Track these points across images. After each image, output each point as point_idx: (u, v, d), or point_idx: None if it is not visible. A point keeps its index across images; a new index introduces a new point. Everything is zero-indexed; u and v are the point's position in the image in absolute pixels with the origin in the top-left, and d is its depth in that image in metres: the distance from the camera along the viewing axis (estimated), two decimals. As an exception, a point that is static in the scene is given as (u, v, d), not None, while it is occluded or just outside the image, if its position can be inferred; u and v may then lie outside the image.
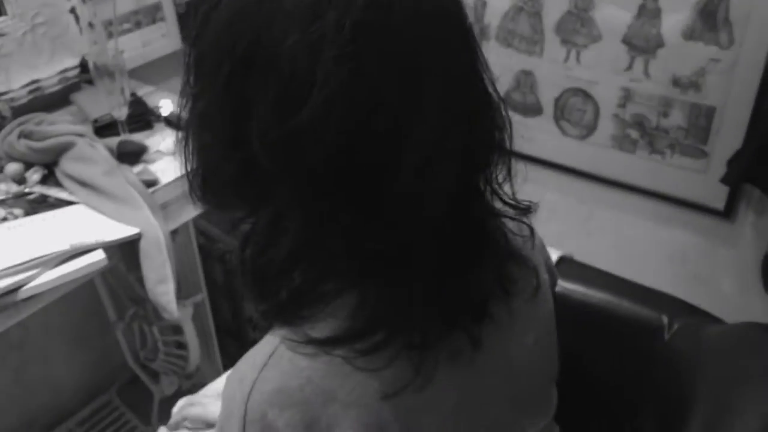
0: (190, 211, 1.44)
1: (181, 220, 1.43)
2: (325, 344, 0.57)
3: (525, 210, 0.70)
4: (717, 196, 1.48)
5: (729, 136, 1.40)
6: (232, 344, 2.00)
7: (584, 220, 1.74)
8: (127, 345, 1.84)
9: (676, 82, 1.42)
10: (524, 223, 0.71)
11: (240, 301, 1.95)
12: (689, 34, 1.37)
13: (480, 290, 0.62)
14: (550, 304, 0.78)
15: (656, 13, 1.39)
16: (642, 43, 1.43)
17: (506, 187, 0.68)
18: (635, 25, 1.42)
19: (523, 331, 0.71)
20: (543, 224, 1.88)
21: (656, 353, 0.97)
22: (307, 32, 0.49)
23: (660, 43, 1.41)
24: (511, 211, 0.69)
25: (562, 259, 1.19)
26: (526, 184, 1.88)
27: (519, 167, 0.67)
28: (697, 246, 1.59)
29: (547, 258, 0.84)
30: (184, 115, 0.58)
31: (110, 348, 1.92)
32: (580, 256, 1.55)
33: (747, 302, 1.54)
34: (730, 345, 0.88)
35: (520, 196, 0.70)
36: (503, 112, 0.62)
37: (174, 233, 1.54)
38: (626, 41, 1.45)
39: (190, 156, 0.60)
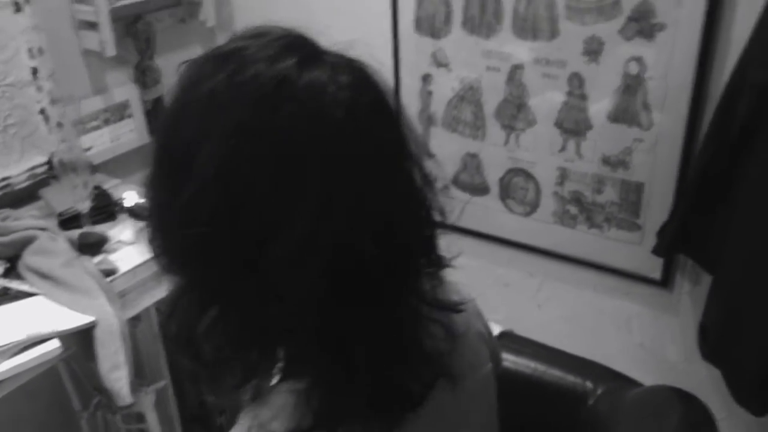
0: (152, 297, 1.50)
1: (141, 306, 1.48)
2: None
3: (448, 309, 0.70)
4: (653, 266, 1.56)
5: (658, 210, 1.49)
6: (198, 431, 2.01)
7: (534, 292, 1.81)
8: (92, 434, 1.86)
9: (606, 161, 1.53)
10: (441, 323, 0.69)
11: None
12: (614, 117, 1.48)
13: (407, 383, 0.64)
14: (488, 384, 0.80)
15: (583, 99, 1.50)
16: (572, 126, 1.54)
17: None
18: (564, 110, 1.54)
19: (463, 416, 0.73)
20: (495, 298, 1.96)
21: (582, 417, 1.03)
22: (199, 129, 0.57)
23: (588, 126, 1.52)
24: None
25: (502, 334, 1.25)
26: (478, 260, 1.95)
27: (470, 244, 0.68)
28: (640, 315, 1.65)
29: (486, 334, 0.84)
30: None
31: (76, 437, 1.93)
32: (532, 329, 1.61)
33: (692, 369, 1.60)
34: (643, 408, 0.93)
35: (470, 270, 0.72)
36: (430, 205, 0.64)
37: (136, 320, 1.59)
38: (558, 125, 1.56)
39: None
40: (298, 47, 0.59)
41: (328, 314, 0.58)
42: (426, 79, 1.72)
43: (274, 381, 0.65)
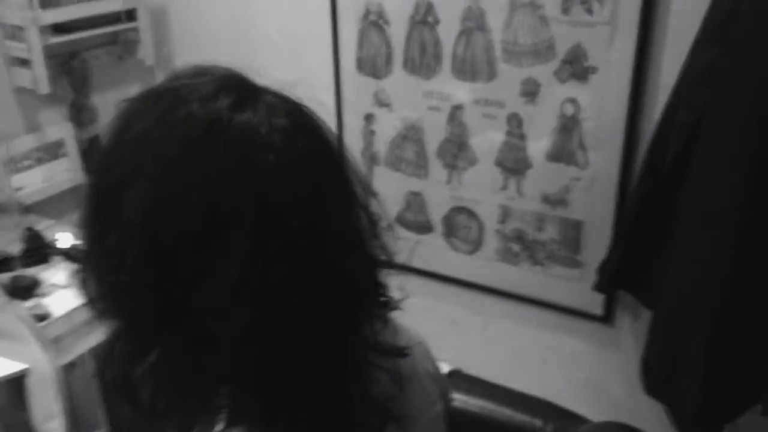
0: (87, 342, 1.44)
1: (77, 352, 1.42)
2: None
3: (394, 353, 0.68)
4: (595, 302, 1.59)
5: (597, 246, 1.53)
6: (136, 480, 1.92)
7: (481, 330, 1.81)
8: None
9: (546, 199, 1.56)
10: (386, 369, 0.67)
11: None
12: (552, 156, 1.52)
13: (352, 430, 0.63)
14: (438, 425, 0.78)
15: (522, 138, 1.54)
16: (513, 165, 1.57)
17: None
18: (504, 149, 1.57)
19: None
20: (443, 336, 1.96)
21: (530, 456, 1.02)
22: (128, 170, 0.55)
23: (528, 165, 1.55)
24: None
25: (451, 373, 1.24)
26: (424, 299, 1.96)
27: (416, 283, 0.67)
28: (584, 351, 1.68)
29: (435, 374, 0.82)
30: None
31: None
32: (480, 366, 1.61)
33: (634, 405, 1.62)
34: (588, 443, 0.94)
35: (417, 310, 0.71)
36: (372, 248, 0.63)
37: (71, 366, 1.52)
38: (499, 164, 1.59)
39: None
40: (235, 87, 0.58)
41: (264, 361, 0.56)
42: (368, 118, 1.73)
43: (218, 429, 0.63)
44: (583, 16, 1.37)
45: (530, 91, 1.48)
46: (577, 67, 1.41)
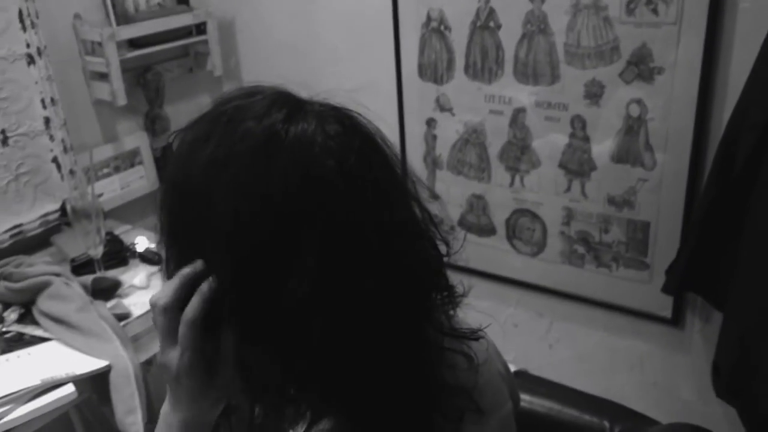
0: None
1: (154, 350, 1.48)
2: None
3: (467, 337, 0.71)
4: (663, 304, 1.56)
5: (666, 248, 1.51)
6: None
7: (545, 332, 1.81)
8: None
9: (611, 201, 1.55)
10: (462, 352, 0.71)
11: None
12: (617, 158, 1.51)
13: (433, 417, 0.65)
14: (510, 425, 0.79)
15: (586, 140, 1.53)
16: (576, 167, 1.57)
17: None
18: (568, 152, 1.56)
19: None
20: (508, 338, 1.96)
21: (599, 458, 1.02)
22: (203, 198, 0.59)
23: (592, 167, 1.55)
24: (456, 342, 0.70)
25: (517, 373, 1.25)
26: (487, 301, 1.96)
27: (478, 285, 0.69)
28: (652, 354, 1.65)
29: (505, 372, 0.84)
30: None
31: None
32: (544, 369, 1.61)
33: (706, 407, 1.59)
34: (660, 445, 0.93)
35: (478, 312, 0.73)
36: (434, 244, 0.66)
37: (147, 363, 1.59)
38: (562, 166, 1.59)
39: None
40: (284, 102, 0.61)
41: (348, 354, 0.60)
42: (430, 123, 1.75)
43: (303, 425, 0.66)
44: (649, 16, 1.36)
45: (594, 93, 1.48)
46: (642, 68, 1.40)
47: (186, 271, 0.61)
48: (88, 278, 1.44)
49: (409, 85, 1.75)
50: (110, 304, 1.43)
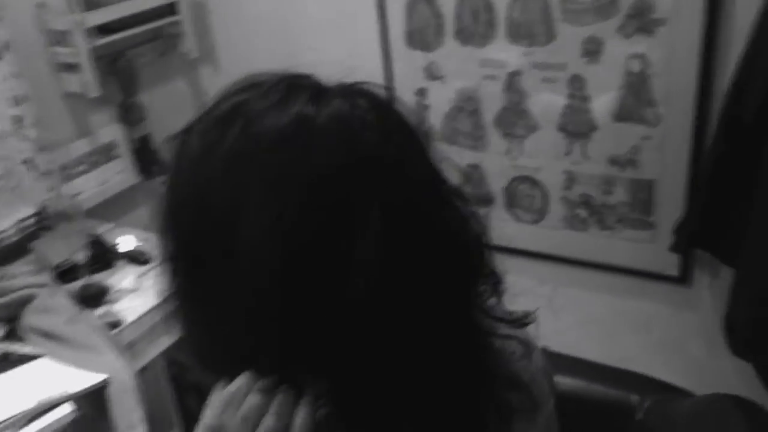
0: (159, 345, 1.44)
1: (150, 356, 1.42)
2: None
3: (518, 322, 0.68)
4: (670, 263, 1.53)
5: (671, 206, 1.47)
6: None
7: (548, 300, 1.75)
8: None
9: (614, 161, 1.50)
10: (518, 339, 0.69)
11: None
12: (619, 116, 1.45)
13: (473, 417, 0.61)
14: (553, 424, 0.76)
15: (585, 100, 1.47)
16: (576, 129, 1.51)
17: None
18: (567, 113, 1.50)
19: None
20: (509, 308, 1.91)
21: (631, 434, 0.98)
22: (230, 197, 0.52)
23: (593, 127, 1.49)
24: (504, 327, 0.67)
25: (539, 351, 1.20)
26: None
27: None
28: (659, 314, 1.62)
29: (544, 366, 0.79)
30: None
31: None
32: (548, 337, 1.57)
33: (716, 365, 1.57)
34: (699, 419, 0.89)
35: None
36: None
37: (143, 369, 1.53)
38: (562, 128, 1.53)
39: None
40: (300, 85, 0.56)
41: (402, 334, 0.55)
42: (421, 93, 1.68)
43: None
44: (648, -35, 1.29)
45: (593, 50, 1.41)
46: (643, 21, 1.33)
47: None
48: (74, 285, 1.37)
49: (397, 54, 1.66)
50: (100, 311, 1.36)
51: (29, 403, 1.11)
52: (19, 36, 1.55)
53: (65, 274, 1.46)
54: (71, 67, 1.61)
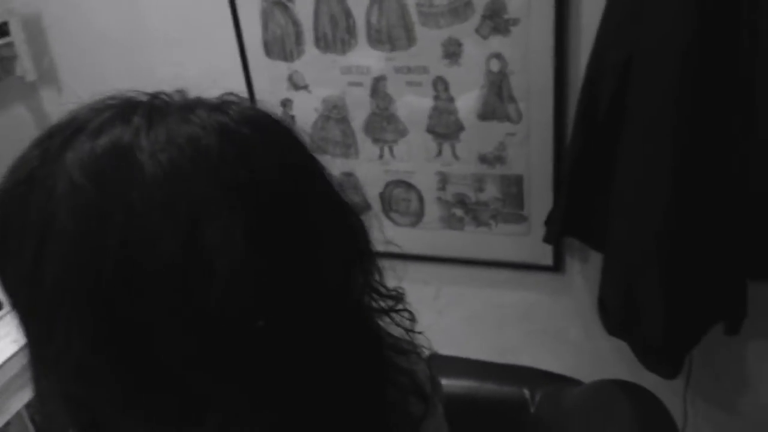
0: (21, 398, 1.31)
1: (12, 410, 1.28)
2: None
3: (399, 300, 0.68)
4: (544, 253, 1.58)
5: (541, 199, 1.51)
6: None
7: (432, 300, 1.78)
8: None
9: (483, 159, 1.53)
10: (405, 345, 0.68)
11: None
12: (483, 115, 1.48)
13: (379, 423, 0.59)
14: (442, 427, 0.75)
15: (450, 101, 1.49)
16: (445, 130, 1.53)
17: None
18: (434, 115, 1.52)
19: None
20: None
21: (526, 428, 1.00)
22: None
23: (460, 127, 1.51)
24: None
25: (429, 357, 1.19)
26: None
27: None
28: (538, 303, 1.68)
29: (434, 376, 0.79)
30: None
31: None
32: (435, 337, 1.58)
33: (595, 346, 1.64)
34: (590, 408, 0.92)
35: None
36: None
37: (7, 425, 1.39)
38: (430, 130, 1.54)
39: None
40: (129, 107, 0.51)
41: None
42: (286, 104, 1.63)
43: None
44: (498, -33, 1.32)
45: (453, 52, 1.43)
46: (498, 21, 1.37)
47: None
48: None
49: (257, 65, 1.61)
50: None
51: None
52: None
53: None
54: None
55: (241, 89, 1.60)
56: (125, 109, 0.50)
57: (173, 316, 0.45)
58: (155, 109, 0.50)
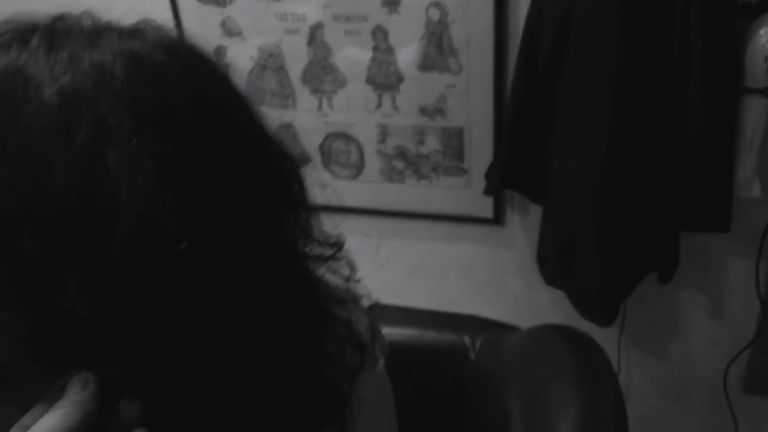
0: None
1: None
2: None
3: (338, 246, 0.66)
4: (485, 206, 1.59)
5: (481, 152, 1.51)
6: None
7: (374, 253, 1.78)
8: None
9: (423, 111, 1.51)
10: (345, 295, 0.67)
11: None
12: (423, 66, 1.46)
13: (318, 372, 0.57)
14: (385, 382, 0.74)
15: (390, 52, 1.46)
16: (384, 81, 1.50)
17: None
18: (374, 66, 1.48)
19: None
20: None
21: (466, 375, 1.01)
22: None
23: (400, 78, 1.48)
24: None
25: (370, 308, 1.19)
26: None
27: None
28: (479, 255, 1.69)
29: (369, 323, 0.76)
30: None
31: None
32: (378, 289, 1.58)
33: (533, 296, 1.67)
34: (529, 353, 0.93)
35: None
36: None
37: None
38: (370, 81, 1.51)
39: None
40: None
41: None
42: (219, 51, 1.57)
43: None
44: None
45: (392, 1, 1.39)
46: (438, -32, 1.34)
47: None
48: None
49: (187, 10, 1.54)
50: None
51: None
52: None
53: None
54: None
55: (171, 36, 1.54)
56: (24, 32, 0.46)
57: (73, 250, 0.42)
58: (57, 32, 0.46)
